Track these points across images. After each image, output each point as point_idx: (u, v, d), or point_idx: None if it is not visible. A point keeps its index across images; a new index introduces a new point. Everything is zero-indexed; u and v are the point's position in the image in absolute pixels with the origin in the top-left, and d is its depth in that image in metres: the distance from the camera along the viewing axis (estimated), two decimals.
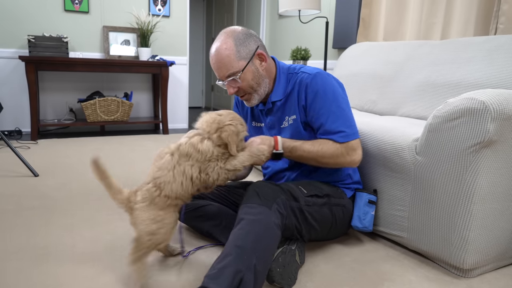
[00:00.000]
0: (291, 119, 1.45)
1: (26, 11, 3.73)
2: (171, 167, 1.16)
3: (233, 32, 1.37)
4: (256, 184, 1.28)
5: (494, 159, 1.25)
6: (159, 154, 1.21)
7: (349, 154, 1.35)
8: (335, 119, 1.35)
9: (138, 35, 4.14)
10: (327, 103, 1.36)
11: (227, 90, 1.41)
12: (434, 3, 2.71)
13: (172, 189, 1.16)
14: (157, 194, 1.16)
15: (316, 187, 1.42)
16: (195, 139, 1.18)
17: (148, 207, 1.16)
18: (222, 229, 1.49)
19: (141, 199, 1.17)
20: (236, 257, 1.05)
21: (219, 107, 6.85)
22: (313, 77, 1.39)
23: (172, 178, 1.16)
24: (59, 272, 1.30)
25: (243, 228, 1.13)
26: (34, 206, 1.89)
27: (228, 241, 1.12)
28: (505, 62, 1.70)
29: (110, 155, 3.01)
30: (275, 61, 1.50)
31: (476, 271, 1.35)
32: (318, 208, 1.38)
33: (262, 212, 1.17)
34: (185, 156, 1.17)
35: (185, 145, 1.18)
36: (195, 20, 6.99)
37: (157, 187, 1.16)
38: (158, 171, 1.17)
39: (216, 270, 1.04)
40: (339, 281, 1.29)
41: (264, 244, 1.12)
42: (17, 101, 3.83)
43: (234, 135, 1.20)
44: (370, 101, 2.38)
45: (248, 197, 1.23)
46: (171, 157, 1.17)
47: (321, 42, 3.96)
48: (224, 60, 1.34)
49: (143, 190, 1.17)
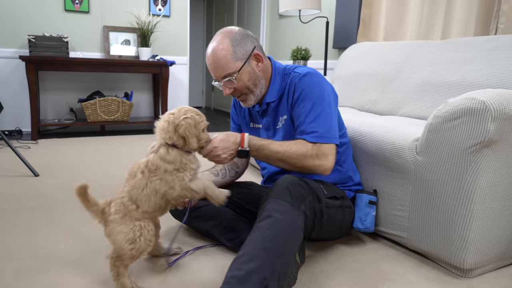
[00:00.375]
0: (283, 119, 1.43)
1: (27, 11, 3.73)
2: (144, 186, 1.16)
3: (230, 33, 1.35)
4: (289, 179, 1.22)
5: (494, 159, 1.25)
6: (131, 171, 1.20)
7: (319, 158, 1.28)
8: (313, 119, 1.31)
9: (139, 35, 4.14)
10: (309, 103, 1.33)
11: (223, 90, 1.39)
12: (435, 3, 2.71)
13: (150, 206, 1.17)
14: (133, 208, 1.16)
15: (333, 189, 1.40)
16: (162, 151, 1.17)
17: (122, 219, 1.16)
18: (222, 229, 1.49)
19: (114, 211, 1.16)
20: (264, 262, 1.02)
21: (219, 107, 6.85)
22: (302, 76, 1.37)
23: (147, 197, 1.16)
24: (60, 272, 1.30)
25: (271, 228, 1.09)
26: (34, 206, 1.89)
27: (255, 238, 1.08)
28: (506, 62, 1.70)
29: (111, 155, 3.01)
30: (271, 62, 1.48)
31: (477, 271, 1.35)
32: (335, 210, 1.37)
33: (291, 213, 1.14)
34: (154, 171, 1.16)
35: (153, 159, 1.17)
36: (195, 20, 6.99)
37: (134, 202, 1.17)
38: (133, 190, 1.17)
39: (243, 272, 1.00)
40: (340, 281, 1.29)
41: (289, 249, 1.10)
42: (18, 101, 3.83)
43: (191, 127, 1.17)
44: (371, 101, 2.38)
45: (278, 192, 1.18)
46: (142, 175, 1.17)
47: (322, 42, 3.96)
48: (220, 61, 1.33)
49: (117, 202, 1.17)
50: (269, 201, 1.17)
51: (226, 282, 1.01)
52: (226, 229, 1.48)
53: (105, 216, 1.17)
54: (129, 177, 1.19)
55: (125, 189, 1.18)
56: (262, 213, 1.15)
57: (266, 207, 1.16)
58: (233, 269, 1.03)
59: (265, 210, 1.15)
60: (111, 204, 1.18)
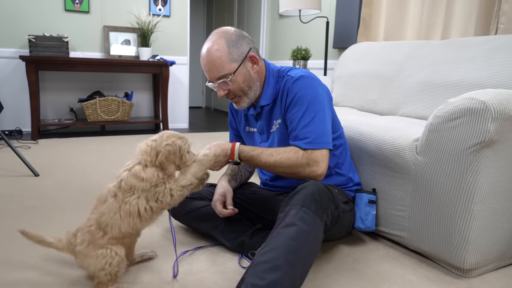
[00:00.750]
0: (277, 123, 1.42)
1: (27, 11, 3.73)
2: (116, 209, 1.14)
3: (226, 33, 1.32)
4: (317, 186, 1.19)
5: (494, 159, 1.25)
6: (100, 197, 1.18)
7: (310, 165, 1.26)
8: (305, 124, 1.28)
9: (139, 35, 4.14)
10: (302, 107, 1.29)
11: (217, 92, 1.37)
12: (435, 3, 2.71)
13: (120, 231, 1.15)
14: (99, 235, 1.15)
15: (343, 193, 1.40)
16: (136, 169, 1.14)
17: (88, 248, 1.15)
18: (222, 230, 1.49)
19: (80, 241, 1.16)
20: (286, 274, 1.00)
21: (219, 107, 6.85)
22: (295, 80, 1.34)
23: (120, 220, 1.14)
24: (60, 272, 1.30)
25: (296, 239, 1.05)
26: (34, 206, 1.89)
27: (279, 246, 1.04)
28: (506, 62, 1.70)
29: (111, 155, 3.01)
30: (265, 64, 1.45)
31: (477, 271, 1.35)
32: (347, 214, 1.37)
33: (315, 224, 1.11)
34: (129, 190, 1.14)
35: (126, 179, 1.14)
36: (195, 20, 6.99)
37: (102, 229, 1.15)
38: (103, 216, 1.14)
39: (265, 282, 0.97)
40: (340, 281, 1.29)
41: (310, 261, 1.08)
42: (18, 101, 3.83)
43: (171, 154, 1.16)
44: (371, 101, 2.38)
45: (305, 199, 1.14)
46: (114, 198, 1.14)
47: (322, 42, 3.96)
48: (215, 62, 1.30)
49: (83, 232, 1.16)
50: (294, 206, 1.13)
51: None
52: (226, 229, 1.48)
53: (72, 247, 1.17)
54: (98, 203, 1.18)
55: (93, 217, 1.17)
56: (286, 218, 1.11)
57: (290, 212, 1.12)
58: (253, 276, 1.00)
59: (289, 216, 1.11)
60: (77, 234, 1.18)
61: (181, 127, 4.64)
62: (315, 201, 1.14)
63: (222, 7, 6.52)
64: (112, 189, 1.16)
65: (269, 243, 1.06)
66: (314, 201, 1.14)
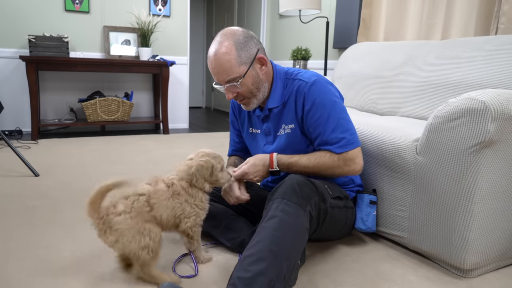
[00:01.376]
0: (288, 128, 1.42)
1: (27, 11, 3.73)
2: (166, 197, 1.22)
3: (233, 35, 1.31)
4: (296, 179, 1.22)
5: (494, 159, 1.25)
6: (157, 180, 1.25)
7: (347, 165, 1.32)
8: (333, 129, 1.31)
9: (139, 35, 4.14)
10: (325, 112, 1.32)
11: (226, 95, 1.36)
12: (435, 3, 2.71)
13: (161, 215, 1.21)
14: (146, 210, 1.18)
15: (337, 189, 1.40)
16: (184, 184, 1.26)
17: (135, 219, 1.15)
18: (222, 230, 1.49)
19: (122, 210, 1.15)
20: (271, 264, 1.02)
21: (219, 107, 6.85)
22: (310, 85, 1.34)
23: (165, 207, 1.21)
24: (60, 272, 1.30)
25: (279, 229, 1.08)
26: (34, 206, 1.89)
27: (262, 239, 1.07)
28: (506, 62, 1.70)
29: (111, 155, 3.01)
30: (272, 65, 1.45)
31: (477, 271, 1.35)
32: (339, 210, 1.37)
33: (298, 214, 1.13)
34: (178, 195, 1.24)
35: (176, 187, 1.25)
36: (195, 20, 6.99)
37: (150, 206, 1.19)
38: (157, 193, 1.21)
39: (250, 274, 1.00)
40: (339, 281, 1.29)
41: (295, 251, 1.10)
42: (18, 101, 3.83)
43: (203, 169, 1.27)
44: (371, 101, 2.38)
45: (286, 191, 1.17)
46: (167, 188, 1.23)
47: (322, 42, 3.96)
48: (224, 66, 1.29)
49: (130, 199, 1.17)
50: (275, 200, 1.16)
51: (232, 284, 1.01)
52: (226, 229, 1.48)
53: (107, 219, 1.14)
54: (154, 183, 1.24)
55: (146, 187, 1.21)
56: (269, 212, 1.14)
57: (272, 206, 1.15)
58: (239, 270, 1.03)
59: (271, 210, 1.14)
60: (116, 205, 1.16)
61: (181, 127, 4.64)
62: (296, 193, 1.17)
63: (222, 7, 6.52)
64: (167, 181, 1.24)
65: (254, 238, 1.10)
66: (295, 193, 1.17)
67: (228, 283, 1.04)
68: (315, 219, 1.23)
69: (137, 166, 2.70)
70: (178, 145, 3.54)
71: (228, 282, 1.04)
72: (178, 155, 3.11)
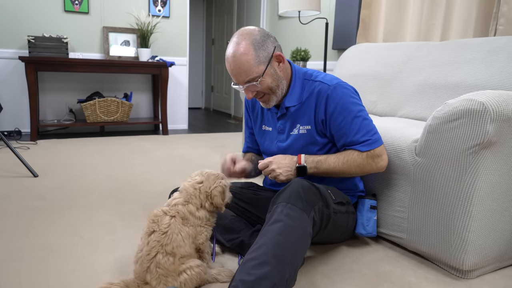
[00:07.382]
0: (304, 128, 1.42)
1: (26, 12, 3.73)
2: (178, 231, 1.21)
3: (250, 35, 1.31)
4: (301, 183, 1.22)
5: (493, 160, 1.25)
6: (152, 217, 1.22)
7: (375, 162, 1.35)
8: (357, 130, 1.34)
9: (138, 35, 4.14)
10: (349, 115, 1.34)
11: (246, 94, 1.37)
12: (434, 4, 2.71)
13: (186, 251, 1.21)
14: (170, 262, 1.17)
15: (340, 194, 1.41)
16: (191, 208, 1.25)
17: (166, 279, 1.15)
18: (221, 230, 1.49)
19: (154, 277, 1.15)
20: (274, 268, 1.02)
21: (218, 108, 6.85)
22: (333, 88, 1.36)
23: (182, 241, 1.21)
24: (59, 273, 1.29)
25: (282, 234, 1.08)
26: (33, 206, 1.89)
27: (266, 243, 1.07)
28: (505, 63, 1.70)
29: (110, 156, 3.01)
30: (290, 64, 1.46)
31: (476, 272, 1.35)
32: (341, 215, 1.37)
33: (302, 219, 1.13)
34: (186, 220, 1.24)
35: (182, 213, 1.23)
36: (195, 21, 6.99)
37: (168, 253, 1.18)
38: (166, 237, 1.17)
39: (253, 277, 1.00)
40: (339, 282, 1.29)
41: (298, 256, 1.10)
42: (17, 102, 3.83)
43: (221, 194, 1.29)
44: (370, 102, 2.38)
45: (290, 196, 1.17)
46: (173, 219, 1.21)
47: (321, 43, 3.96)
48: (243, 66, 1.30)
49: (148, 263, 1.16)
50: (280, 204, 1.16)
51: (235, 286, 1.00)
52: (225, 230, 1.48)
53: None
54: (152, 224, 1.21)
55: (152, 243, 1.17)
56: (273, 215, 1.14)
57: (277, 210, 1.15)
58: (242, 273, 1.02)
59: (276, 213, 1.14)
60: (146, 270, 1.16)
61: (180, 128, 4.64)
62: (300, 198, 1.17)
63: (222, 8, 6.52)
64: (172, 213, 1.22)
65: (258, 241, 1.09)
66: (300, 197, 1.17)
67: (230, 285, 1.03)
68: (318, 224, 1.24)
69: (136, 167, 2.70)
70: (177, 145, 3.54)
71: (230, 284, 1.04)
72: (177, 156, 3.11)
